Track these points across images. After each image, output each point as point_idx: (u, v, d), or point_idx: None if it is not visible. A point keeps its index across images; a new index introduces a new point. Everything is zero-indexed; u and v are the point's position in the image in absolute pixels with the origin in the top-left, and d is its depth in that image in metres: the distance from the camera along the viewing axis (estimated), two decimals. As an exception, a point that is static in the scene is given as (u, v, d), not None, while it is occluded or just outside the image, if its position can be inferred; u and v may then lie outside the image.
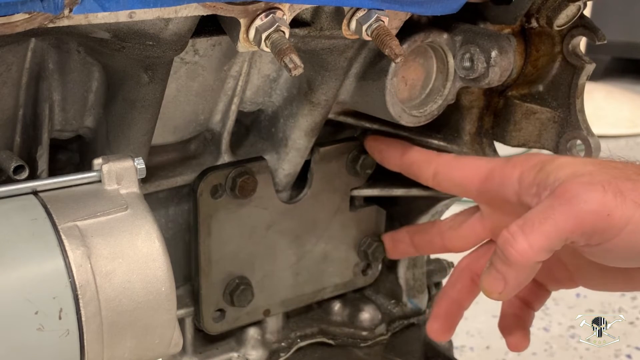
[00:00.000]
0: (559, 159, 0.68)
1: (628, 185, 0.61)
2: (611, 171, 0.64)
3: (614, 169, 0.64)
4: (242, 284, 0.85)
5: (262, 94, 0.81)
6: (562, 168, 0.65)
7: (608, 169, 0.64)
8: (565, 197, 0.61)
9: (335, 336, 0.96)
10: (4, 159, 0.66)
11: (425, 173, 0.79)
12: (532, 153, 0.72)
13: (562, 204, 0.61)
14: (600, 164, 0.66)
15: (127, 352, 0.56)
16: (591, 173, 0.63)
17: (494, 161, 0.75)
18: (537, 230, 0.62)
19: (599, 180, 0.62)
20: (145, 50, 0.61)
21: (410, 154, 0.81)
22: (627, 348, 1.71)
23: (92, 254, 0.54)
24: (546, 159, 0.69)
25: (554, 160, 0.68)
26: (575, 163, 0.66)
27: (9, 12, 0.49)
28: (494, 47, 0.75)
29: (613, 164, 0.66)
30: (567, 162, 0.67)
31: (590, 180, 0.62)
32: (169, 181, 0.80)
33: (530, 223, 0.62)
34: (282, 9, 0.60)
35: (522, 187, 0.68)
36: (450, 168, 0.77)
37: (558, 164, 0.67)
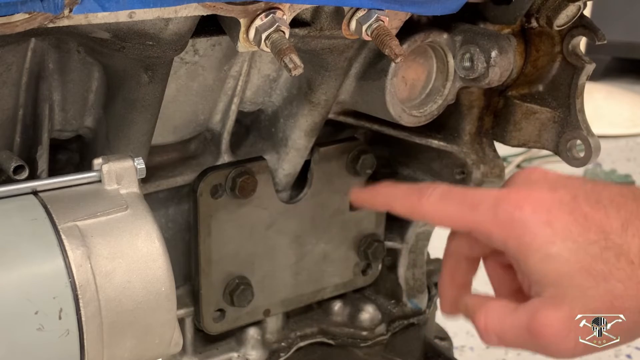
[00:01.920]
0: (542, 248, 0.63)
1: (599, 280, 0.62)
2: (598, 294, 0.62)
3: (603, 281, 0.61)
4: (242, 284, 0.85)
5: (262, 94, 0.81)
6: (546, 273, 0.63)
7: (596, 286, 0.62)
8: (540, 343, 0.64)
9: (335, 336, 0.96)
10: (4, 159, 0.66)
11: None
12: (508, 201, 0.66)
13: (536, 346, 0.64)
14: (579, 238, 0.62)
15: (127, 352, 0.56)
16: (572, 301, 0.62)
17: (477, 215, 0.68)
18: (505, 345, 0.68)
19: (575, 326, 0.62)
20: (145, 50, 0.61)
21: (393, 207, 0.76)
22: (627, 348, 1.71)
23: (92, 254, 0.54)
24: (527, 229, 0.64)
25: (536, 244, 0.64)
26: (559, 260, 0.63)
27: (9, 12, 0.49)
28: (494, 47, 0.75)
29: (591, 228, 0.62)
30: (551, 258, 0.63)
31: (567, 324, 0.62)
32: (169, 181, 0.80)
33: (503, 339, 0.67)
34: (282, 9, 0.60)
35: (507, 253, 0.67)
36: (434, 219, 0.73)
37: (541, 257, 0.63)
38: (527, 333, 0.64)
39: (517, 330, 0.65)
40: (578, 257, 0.62)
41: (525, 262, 0.64)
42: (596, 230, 0.62)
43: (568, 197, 0.63)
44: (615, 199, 0.63)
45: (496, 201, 0.65)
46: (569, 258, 0.62)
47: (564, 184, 0.65)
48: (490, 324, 0.67)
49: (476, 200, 0.66)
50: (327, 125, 0.85)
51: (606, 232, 0.62)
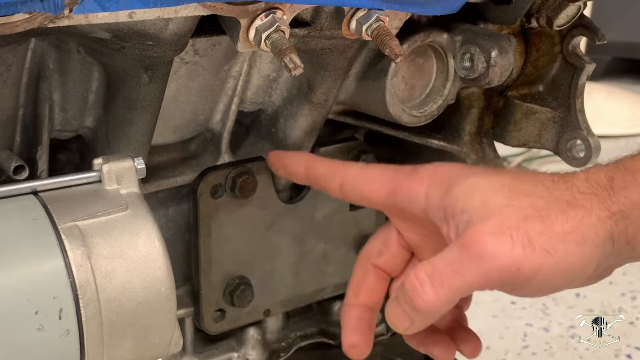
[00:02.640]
0: (466, 180, 0.65)
1: (537, 227, 0.60)
2: (522, 205, 0.61)
3: (525, 197, 0.61)
4: (242, 284, 0.85)
5: (262, 94, 0.81)
6: (471, 196, 0.63)
7: (519, 201, 0.61)
8: (473, 251, 0.60)
9: (335, 336, 0.96)
10: (4, 159, 0.66)
11: (332, 186, 0.74)
12: (439, 163, 0.69)
13: (471, 258, 0.60)
14: (511, 190, 0.62)
15: (127, 352, 0.56)
16: (501, 213, 0.61)
17: (400, 172, 0.70)
18: (446, 284, 0.61)
19: (508, 227, 0.60)
20: (145, 50, 0.61)
21: (314, 167, 0.76)
22: (627, 348, 1.71)
23: (92, 254, 0.54)
24: (453, 175, 0.66)
25: (461, 180, 0.65)
26: (485, 189, 0.63)
27: (9, 12, 0.49)
28: (494, 47, 0.75)
29: (525, 188, 0.62)
30: (476, 187, 0.64)
31: (499, 230, 0.60)
32: (169, 181, 0.80)
33: (438, 275, 0.62)
34: (282, 9, 0.60)
35: (429, 206, 0.66)
36: (356, 180, 0.73)
37: (466, 187, 0.64)
38: (462, 251, 0.61)
39: (451, 263, 0.62)
40: (498, 180, 0.63)
41: (450, 196, 0.64)
42: (510, 172, 0.67)
43: (509, 196, 0.63)
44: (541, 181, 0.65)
45: (415, 167, 0.68)
46: (490, 181, 0.64)
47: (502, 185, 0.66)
48: (440, 293, 0.62)
49: (401, 168, 0.69)
50: (327, 125, 0.85)
51: (519, 172, 0.67)
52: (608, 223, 0.60)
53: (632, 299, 1.94)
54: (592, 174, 0.62)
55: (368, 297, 0.74)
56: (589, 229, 0.60)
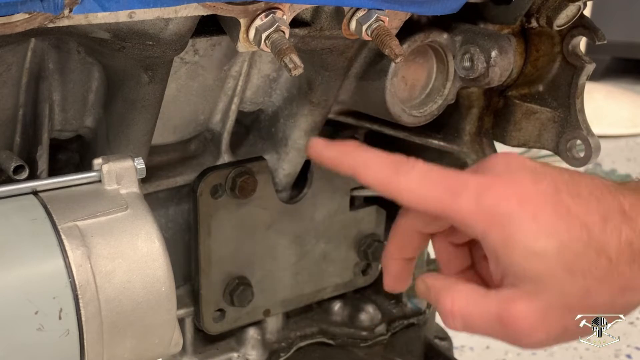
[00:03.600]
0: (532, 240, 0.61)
1: (575, 320, 0.62)
2: (572, 291, 0.61)
3: (582, 278, 0.61)
4: (242, 284, 0.85)
5: (262, 94, 0.81)
6: (526, 263, 0.62)
7: (572, 283, 0.61)
8: (509, 330, 0.63)
9: (335, 336, 0.96)
10: (4, 159, 0.66)
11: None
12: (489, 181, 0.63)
13: (504, 333, 0.63)
14: (571, 262, 0.61)
15: (127, 352, 0.56)
16: (548, 295, 0.61)
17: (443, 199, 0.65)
18: (473, 331, 0.64)
19: (549, 320, 0.62)
20: (145, 50, 0.61)
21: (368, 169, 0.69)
22: (627, 348, 1.71)
23: (92, 254, 0.54)
24: (514, 217, 0.62)
25: (526, 240, 0.61)
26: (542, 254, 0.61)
27: (9, 12, 0.49)
28: (493, 47, 0.75)
29: (586, 259, 0.61)
30: (535, 253, 0.61)
31: (541, 318, 0.62)
32: (169, 181, 0.80)
33: (470, 323, 0.64)
34: (282, 9, 0.60)
35: (482, 242, 0.64)
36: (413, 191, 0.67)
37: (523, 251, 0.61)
38: (497, 321, 0.63)
39: (486, 317, 0.63)
40: (562, 255, 0.61)
41: (507, 256, 0.62)
42: (579, 225, 0.61)
43: (551, 189, 0.62)
44: (593, 192, 0.63)
45: (480, 190, 0.62)
46: (552, 256, 0.61)
47: (544, 173, 0.64)
48: (457, 308, 0.64)
49: (459, 186, 0.63)
50: (327, 125, 0.85)
51: (589, 228, 0.61)
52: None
53: (632, 299, 1.93)
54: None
55: (409, 254, 0.74)
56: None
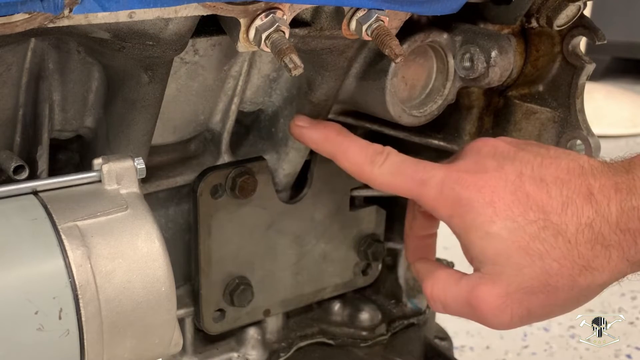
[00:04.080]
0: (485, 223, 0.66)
1: (539, 301, 0.65)
2: (533, 272, 0.64)
3: (540, 260, 0.64)
4: (242, 284, 0.85)
5: (262, 94, 0.81)
6: (487, 247, 0.66)
7: (532, 266, 0.64)
8: (477, 313, 0.67)
9: (335, 336, 0.96)
10: (4, 159, 0.66)
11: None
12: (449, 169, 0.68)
13: (474, 314, 0.68)
14: (528, 246, 0.64)
15: (127, 352, 0.56)
16: (509, 280, 0.65)
17: (412, 188, 0.71)
18: (450, 312, 0.71)
19: (511, 300, 0.65)
20: (145, 50, 0.61)
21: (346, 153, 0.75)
22: (627, 348, 1.71)
23: (92, 254, 0.54)
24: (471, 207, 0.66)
25: (482, 224, 0.66)
26: (502, 240, 0.65)
27: (9, 12, 0.49)
28: (494, 47, 0.75)
29: (545, 244, 0.64)
30: (494, 237, 0.65)
31: (503, 303, 0.65)
32: (169, 181, 0.80)
33: (446, 305, 0.71)
34: (282, 9, 0.60)
35: (453, 232, 0.70)
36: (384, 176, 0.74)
37: (483, 235, 0.65)
38: (467, 305, 0.67)
39: (458, 302, 0.68)
40: (516, 237, 0.64)
41: (467, 239, 0.66)
42: (536, 209, 0.64)
43: (513, 175, 0.65)
44: (560, 176, 0.65)
45: (443, 179, 0.67)
46: (507, 237, 0.64)
47: (512, 158, 0.67)
48: (435, 292, 0.71)
49: (425, 176, 0.68)
50: (327, 125, 0.85)
51: (546, 212, 0.64)
52: (625, 272, 0.64)
53: (632, 299, 1.93)
54: (625, 215, 0.63)
55: (420, 230, 0.80)
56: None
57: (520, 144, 0.70)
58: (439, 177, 0.68)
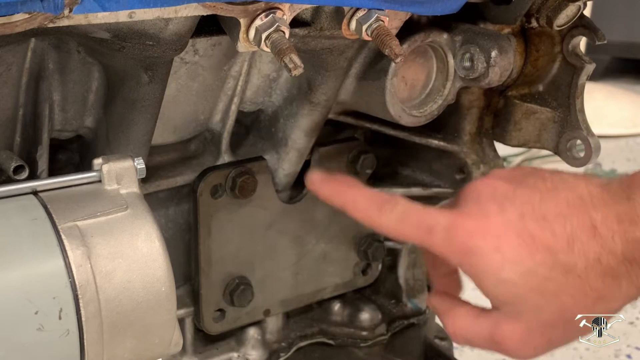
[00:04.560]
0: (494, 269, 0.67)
1: (559, 334, 0.68)
2: (550, 310, 0.66)
3: (554, 298, 0.66)
4: (242, 284, 0.85)
5: (262, 94, 0.81)
6: (502, 292, 0.67)
7: (548, 305, 0.66)
8: (502, 348, 0.69)
9: (335, 336, 0.96)
10: (4, 159, 0.66)
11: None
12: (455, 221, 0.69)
13: (498, 349, 0.70)
14: (541, 287, 0.66)
15: (127, 352, 0.56)
16: (528, 318, 0.67)
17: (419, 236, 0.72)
18: (473, 345, 0.73)
19: (533, 336, 0.68)
20: (145, 50, 0.61)
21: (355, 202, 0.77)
22: (627, 348, 1.70)
23: (92, 254, 0.53)
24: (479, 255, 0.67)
25: (493, 271, 0.67)
26: (515, 283, 0.66)
27: (9, 12, 0.49)
28: (494, 47, 0.75)
29: (556, 283, 0.66)
30: (506, 281, 0.66)
31: (527, 337, 0.68)
32: (169, 181, 0.80)
33: (470, 341, 0.72)
34: (282, 9, 0.60)
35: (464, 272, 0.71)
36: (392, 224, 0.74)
37: (496, 282, 0.67)
38: (491, 341, 0.69)
39: (482, 338, 0.71)
40: (527, 280, 0.65)
41: (480, 285, 0.68)
42: (543, 250, 0.65)
43: (515, 216, 0.66)
44: (562, 211, 0.66)
45: (448, 228, 0.68)
46: (518, 281, 0.66)
47: (512, 199, 0.68)
48: (457, 329, 0.73)
49: (430, 225, 0.69)
50: (327, 125, 0.85)
51: (553, 252, 0.65)
52: (636, 297, 0.67)
53: (632, 299, 1.93)
54: (630, 247, 0.64)
55: (442, 269, 0.79)
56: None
57: (517, 179, 0.70)
58: (443, 225, 0.68)
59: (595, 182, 0.68)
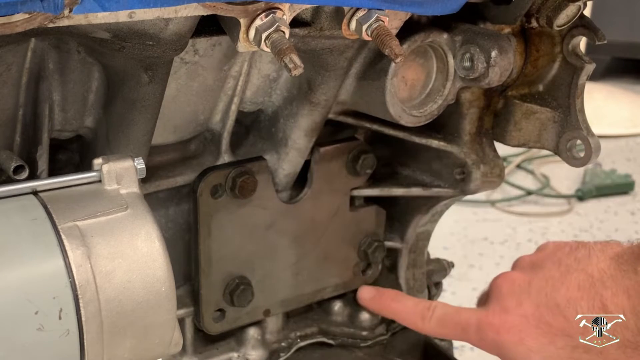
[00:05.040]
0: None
1: None
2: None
3: (560, 350, 0.74)
4: (242, 284, 0.85)
5: (262, 94, 0.81)
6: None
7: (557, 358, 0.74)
8: None
9: (335, 336, 0.96)
10: (4, 159, 0.65)
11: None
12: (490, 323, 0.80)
13: None
14: (549, 347, 0.74)
15: (127, 352, 0.56)
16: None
17: (457, 335, 0.85)
18: None
19: None
20: (145, 50, 0.61)
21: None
22: (627, 348, 1.70)
23: (92, 254, 0.53)
24: (507, 349, 0.78)
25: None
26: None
27: (9, 12, 0.49)
28: (494, 47, 0.74)
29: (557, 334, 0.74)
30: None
31: None
32: (169, 181, 0.80)
33: None
34: (282, 9, 0.60)
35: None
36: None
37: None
38: None
39: None
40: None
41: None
42: (562, 335, 0.74)
43: (531, 309, 0.76)
44: (572, 296, 0.74)
45: (479, 327, 0.80)
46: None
47: (528, 292, 0.78)
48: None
49: (464, 327, 0.82)
50: (327, 125, 0.85)
51: (571, 335, 0.73)
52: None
53: (632, 299, 1.93)
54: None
55: None
56: None
57: (536, 267, 0.80)
58: (474, 325, 0.80)
59: (608, 254, 0.75)
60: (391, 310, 0.91)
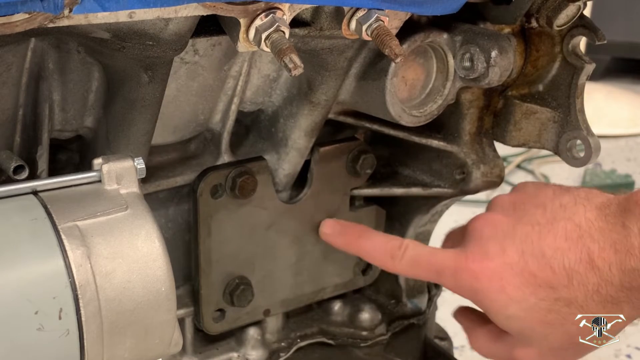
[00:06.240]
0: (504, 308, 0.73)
1: (571, 355, 0.75)
2: (557, 337, 0.72)
3: (561, 326, 0.71)
4: (242, 284, 0.85)
5: (262, 94, 0.81)
6: (512, 325, 0.74)
7: (554, 332, 0.72)
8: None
9: (335, 336, 0.96)
10: (4, 159, 0.66)
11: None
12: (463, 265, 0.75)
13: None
14: (548, 318, 0.72)
15: (127, 352, 0.56)
16: (540, 343, 0.73)
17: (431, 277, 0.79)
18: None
19: (545, 358, 0.75)
20: (145, 50, 0.61)
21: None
22: (627, 348, 1.70)
23: (92, 254, 0.53)
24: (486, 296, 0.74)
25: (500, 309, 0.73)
26: (524, 318, 0.72)
27: (9, 12, 0.49)
28: (494, 47, 0.75)
29: (559, 315, 0.71)
30: (516, 318, 0.73)
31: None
32: (169, 181, 0.80)
33: (492, 357, 0.81)
34: (282, 9, 0.60)
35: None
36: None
37: (506, 317, 0.74)
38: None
39: (502, 357, 0.79)
40: (532, 314, 0.71)
41: (492, 318, 0.75)
42: (545, 286, 0.70)
43: (516, 256, 0.72)
44: (560, 246, 0.70)
45: (455, 271, 0.74)
46: (525, 316, 0.72)
47: (512, 236, 0.73)
48: (480, 348, 0.81)
49: (439, 268, 0.76)
50: (327, 125, 0.85)
51: (554, 288, 0.70)
52: (638, 316, 0.71)
53: (632, 299, 1.93)
54: (627, 276, 0.68)
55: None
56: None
57: (519, 210, 0.75)
58: (451, 268, 0.75)
59: (594, 203, 0.72)
60: (358, 248, 0.83)
